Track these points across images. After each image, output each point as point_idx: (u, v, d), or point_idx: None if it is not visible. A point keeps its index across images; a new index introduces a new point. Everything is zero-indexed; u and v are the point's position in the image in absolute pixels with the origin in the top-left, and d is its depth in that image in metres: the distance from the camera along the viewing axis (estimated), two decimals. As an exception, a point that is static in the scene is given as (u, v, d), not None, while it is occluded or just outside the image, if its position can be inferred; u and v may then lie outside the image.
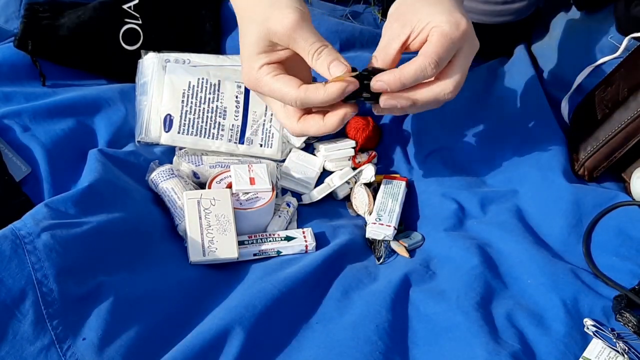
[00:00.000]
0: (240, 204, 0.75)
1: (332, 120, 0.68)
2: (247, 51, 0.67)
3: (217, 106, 0.85)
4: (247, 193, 0.76)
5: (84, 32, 0.88)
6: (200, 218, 0.72)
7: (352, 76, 0.65)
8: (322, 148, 0.87)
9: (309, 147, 0.89)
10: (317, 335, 0.64)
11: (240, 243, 0.73)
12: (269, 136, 0.86)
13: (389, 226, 0.77)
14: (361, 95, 0.68)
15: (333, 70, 0.65)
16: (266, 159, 0.85)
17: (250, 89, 0.70)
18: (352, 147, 0.87)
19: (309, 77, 0.73)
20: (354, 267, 0.72)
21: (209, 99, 0.85)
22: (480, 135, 0.87)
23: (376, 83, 0.67)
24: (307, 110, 0.69)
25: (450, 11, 0.66)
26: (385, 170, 0.89)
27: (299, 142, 0.86)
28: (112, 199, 0.70)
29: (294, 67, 0.68)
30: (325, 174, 0.87)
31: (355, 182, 0.84)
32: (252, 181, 0.76)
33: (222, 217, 0.72)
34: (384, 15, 1.01)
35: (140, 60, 0.88)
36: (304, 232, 0.75)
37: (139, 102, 0.85)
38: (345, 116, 0.67)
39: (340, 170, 0.86)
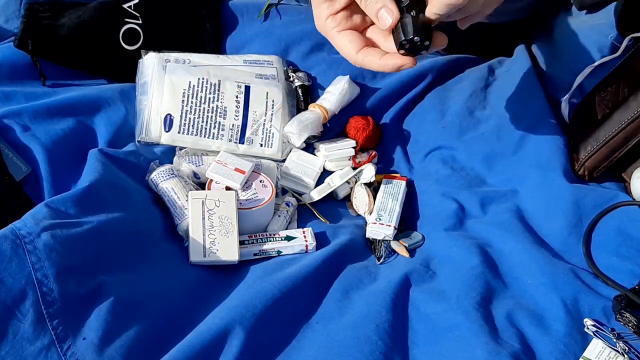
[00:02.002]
0: (241, 203, 0.75)
1: (389, 63, 0.65)
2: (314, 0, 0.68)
3: (217, 106, 0.85)
4: (247, 193, 0.76)
5: (84, 32, 0.88)
6: (203, 219, 0.72)
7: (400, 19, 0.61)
8: (323, 148, 0.87)
9: (309, 147, 0.89)
10: (317, 335, 0.64)
11: (241, 243, 0.73)
12: (269, 136, 0.86)
13: (389, 226, 0.77)
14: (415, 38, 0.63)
15: (381, 22, 0.63)
16: (266, 158, 0.85)
17: (322, 34, 0.70)
18: (353, 147, 0.87)
19: None
20: (354, 267, 0.72)
21: (209, 98, 0.85)
22: (480, 135, 0.87)
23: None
24: (368, 42, 0.68)
25: None
26: (385, 170, 0.89)
27: (299, 142, 0.86)
28: (112, 199, 0.70)
29: (361, 14, 0.68)
30: (325, 173, 0.87)
31: (356, 182, 0.84)
32: (240, 171, 0.77)
33: (225, 219, 0.72)
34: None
35: (140, 60, 0.88)
36: (304, 232, 0.75)
37: (139, 102, 0.85)
38: (401, 67, 0.65)
39: (341, 170, 0.86)
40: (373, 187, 0.84)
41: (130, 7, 0.92)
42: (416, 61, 0.65)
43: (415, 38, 0.61)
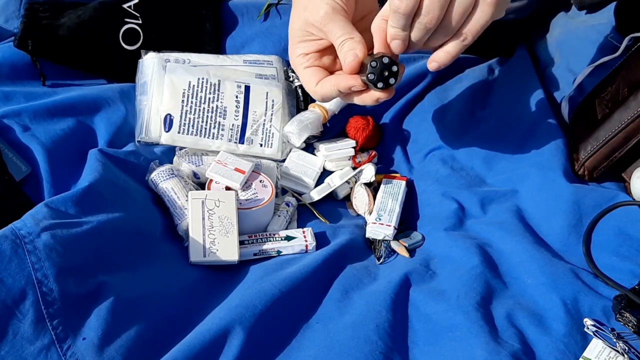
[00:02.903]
0: (240, 203, 0.75)
1: (340, 83, 0.69)
2: (291, 36, 0.73)
3: (217, 106, 0.85)
4: (247, 193, 0.76)
5: (84, 32, 0.88)
6: (203, 219, 0.72)
7: (373, 59, 0.66)
8: (323, 148, 0.87)
9: (309, 147, 0.89)
10: (317, 335, 0.64)
11: (241, 243, 0.73)
12: (269, 136, 0.86)
13: (389, 226, 0.77)
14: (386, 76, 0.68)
15: (346, 61, 0.68)
16: (266, 158, 0.85)
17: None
18: (352, 147, 0.87)
19: None
20: (354, 267, 0.72)
21: (209, 98, 0.85)
22: (480, 135, 0.87)
23: (431, 64, 0.68)
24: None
25: None
26: (385, 169, 0.89)
27: (299, 142, 0.86)
28: (112, 199, 0.70)
29: (332, 52, 0.72)
30: (325, 173, 0.87)
31: (356, 182, 0.84)
32: (240, 171, 0.77)
33: (225, 219, 0.72)
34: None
35: (140, 60, 0.88)
36: (304, 232, 0.75)
37: (139, 102, 0.85)
38: (350, 87, 0.69)
39: (341, 170, 0.86)
40: (373, 187, 0.84)
41: (130, 7, 0.92)
42: (360, 81, 0.68)
43: (370, 76, 0.67)
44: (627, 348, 0.62)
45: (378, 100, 0.69)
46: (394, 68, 0.67)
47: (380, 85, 0.67)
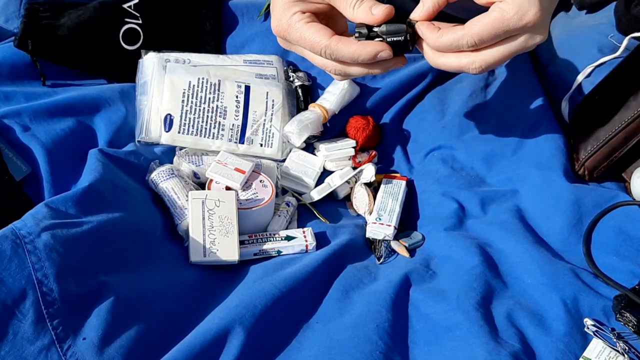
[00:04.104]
0: (241, 203, 0.75)
1: (367, 48, 0.65)
2: None
3: (217, 106, 0.85)
4: (247, 192, 0.76)
5: (84, 32, 0.88)
6: (203, 218, 0.72)
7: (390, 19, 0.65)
8: (323, 148, 0.87)
9: (309, 147, 0.89)
10: (318, 335, 0.64)
11: (241, 243, 0.73)
12: (269, 136, 0.86)
13: (389, 226, 0.77)
14: (399, 36, 0.66)
15: (375, 11, 0.64)
16: (266, 158, 0.85)
17: (279, 35, 0.69)
18: (353, 147, 0.87)
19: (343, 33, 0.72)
20: (354, 267, 0.72)
21: (209, 98, 0.85)
22: (480, 135, 0.87)
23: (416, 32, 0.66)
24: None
25: None
26: (385, 169, 0.89)
27: (299, 142, 0.86)
28: (113, 199, 0.70)
29: (327, 22, 0.68)
30: (325, 173, 0.87)
31: (356, 182, 0.84)
32: (240, 171, 0.77)
33: (225, 219, 0.72)
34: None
35: (140, 60, 0.88)
36: (304, 232, 0.75)
37: (139, 101, 0.85)
38: (379, 54, 0.65)
39: (341, 169, 0.86)
40: (373, 187, 0.84)
41: (130, 7, 0.92)
42: (392, 51, 0.65)
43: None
44: (627, 348, 0.62)
45: (379, 53, 0.65)
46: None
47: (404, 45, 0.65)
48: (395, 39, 0.65)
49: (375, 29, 0.66)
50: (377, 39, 0.66)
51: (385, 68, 0.68)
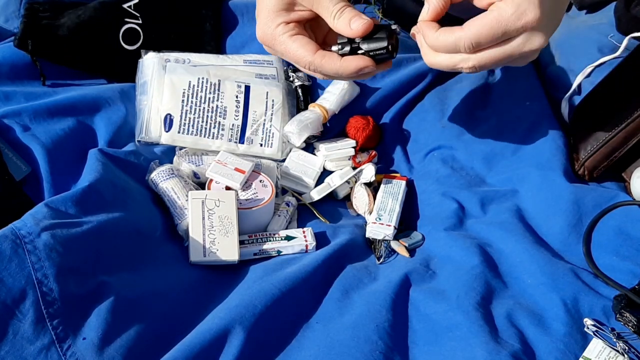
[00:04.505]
0: (241, 203, 0.75)
1: (350, 64, 0.66)
2: (265, 6, 0.67)
3: (217, 106, 0.85)
4: (247, 192, 0.76)
5: (84, 32, 0.88)
6: (203, 218, 0.72)
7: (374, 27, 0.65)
8: (323, 148, 0.87)
9: (309, 147, 0.89)
10: (317, 335, 0.64)
11: (241, 243, 0.73)
12: (269, 136, 0.86)
13: (389, 226, 0.77)
14: (380, 50, 0.66)
15: (354, 25, 0.64)
16: (266, 158, 0.85)
17: (264, 44, 0.69)
18: (352, 147, 0.87)
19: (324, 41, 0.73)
20: (354, 267, 0.72)
21: (209, 98, 0.85)
22: (480, 135, 0.87)
23: (415, 35, 0.67)
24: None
25: None
26: (385, 169, 0.89)
27: (299, 142, 0.86)
28: (112, 199, 0.70)
29: (311, 29, 0.68)
30: (325, 173, 0.87)
31: (356, 182, 0.84)
32: (240, 171, 0.77)
33: (225, 219, 0.72)
34: (385, 14, 1.01)
35: (140, 60, 0.88)
36: (304, 232, 0.75)
37: (139, 101, 0.85)
38: (362, 69, 0.66)
39: (341, 169, 0.86)
40: (373, 187, 0.84)
41: (130, 7, 0.92)
42: (374, 63, 0.66)
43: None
44: (627, 348, 0.62)
45: (363, 69, 0.66)
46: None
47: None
48: (377, 52, 0.66)
49: (358, 40, 0.66)
50: (359, 51, 0.66)
51: (370, 75, 0.69)
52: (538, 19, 0.61)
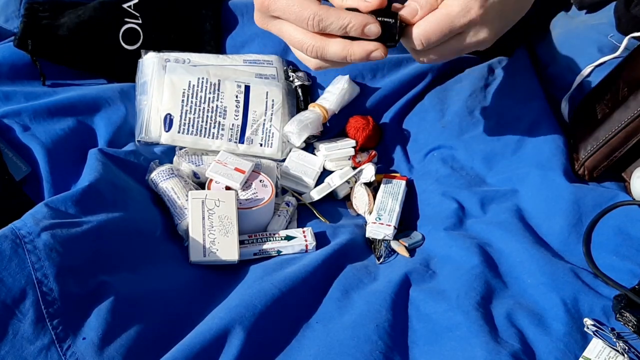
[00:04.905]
0: (240, 203, 0.75)
1: (359, 19, 0.62)
2: None
3: (217, 106, 0.85)
4: (247, 192, 0.76)
5: (84, 32, 0.88)
6: (203, 218, 0.72)
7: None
8: (323, 148, 0.87)
9: (309, 146, 0.89)
10: (317, 335, 0.64)
11: (241, 242, 0.73)
12: (269, 136, 0.86)
13: (389, 225, 0.77)
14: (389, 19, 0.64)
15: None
16: (266, 158, 0.85)
17: (262, 8, 0.64)
18: (352, 147, 0.87)
19: None
20: (354, 267, 0.72)
21: (209, 98, 0.85)
22: (480, 135, 0.87)
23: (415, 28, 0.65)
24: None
25: None
26: (385, 169, 0.89)
27: (299, 141, 0.86)
28: (112, 199, 0.70)
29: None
30: (325, 173, 0.87)
31: (356, 182, 0.84)
32: (239, 171, 0.77)
33: (225, 219, 0.72)
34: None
35: (140, 60, 0.88)
36: (304, 232, 0.75)
37: (139, 101, 0.85)
38: (369, 25, 0.63)
39: (341, 169, 0.86)
40: (373, 187, 0.84)
41: (130, 7, 0.92)
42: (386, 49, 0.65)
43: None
44: (627, 348, 0.62)
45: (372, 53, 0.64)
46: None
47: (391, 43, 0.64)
48: (385, 19, 0.64)
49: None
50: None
51: (364, 52, 0.64)
52: (482, 12, 0.63)
